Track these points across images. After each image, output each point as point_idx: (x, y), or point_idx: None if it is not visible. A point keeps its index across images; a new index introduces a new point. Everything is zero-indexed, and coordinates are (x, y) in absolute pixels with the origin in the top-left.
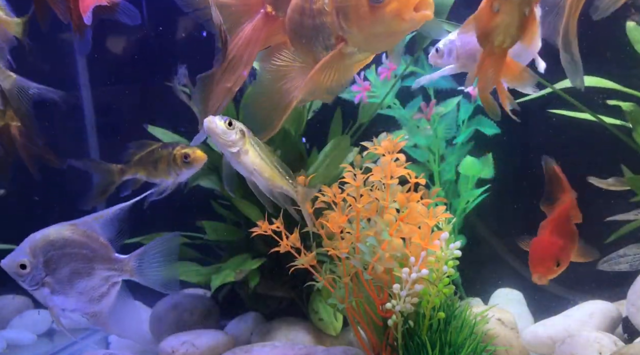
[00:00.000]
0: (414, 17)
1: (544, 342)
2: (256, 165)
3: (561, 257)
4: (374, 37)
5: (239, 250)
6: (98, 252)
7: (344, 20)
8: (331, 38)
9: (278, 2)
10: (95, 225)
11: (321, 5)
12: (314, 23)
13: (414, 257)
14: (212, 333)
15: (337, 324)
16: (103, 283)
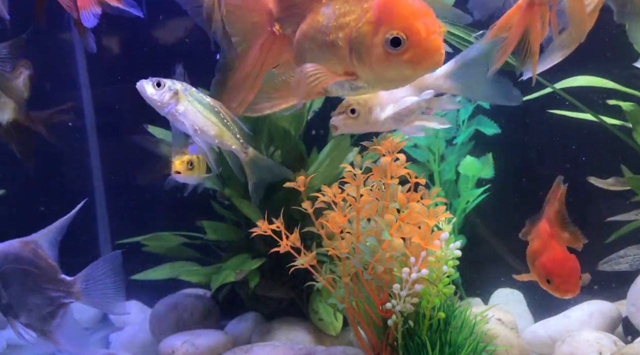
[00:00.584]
0: (429, 65)
1: (544, 342)
2: (197, 124)
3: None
4: (386, 80)
5: (239, 250)
6: (45, 271)
7: (356, 59)
8: (340, 70)
9: (286, 22)
10: (43, 243)
11: (334, 38)
12: (325, 54)
13: (414, 257)
14: (212, 333)
15: (337, 324)
16: (50, 303)
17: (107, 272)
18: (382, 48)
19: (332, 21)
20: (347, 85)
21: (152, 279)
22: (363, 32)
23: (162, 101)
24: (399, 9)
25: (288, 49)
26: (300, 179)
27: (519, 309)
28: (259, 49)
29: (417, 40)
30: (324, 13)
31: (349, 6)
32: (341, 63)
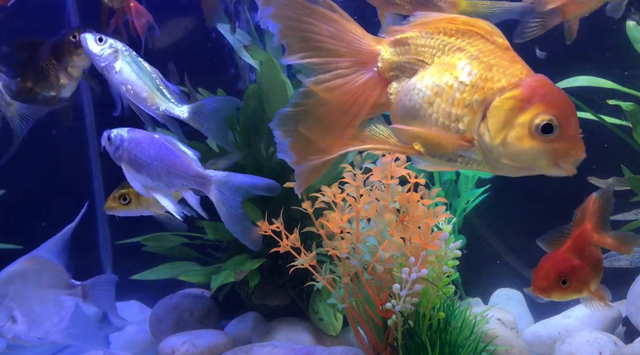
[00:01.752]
0: (572, 160)
1: (544, 342)
2: (130, 85)
3: (570, 276)
4: (514, 161)
5: (239, 250)
6: (56, 279)
7: (487, 129)
8: (458, 133)
9: (397, 67)
10: (49, 253)
11: (468, 98)
12: (442, 112)
13: (414, 257)
14: (212, 333)
15: (337, 324)
16: (60, 308)
17: (107, 284)
18: (526, 129)
19: (466, 80)
20: (454, 154)
21: (152, 279)
22: (508, 105)
23: (100, 56)
24: (555, 95)
25: (386, 98)
26: None
27: (519, 309)
28: (363, 84)
29: (569, 132)
30: (456, 68)
31: (491, 73)
32: (462, 127)
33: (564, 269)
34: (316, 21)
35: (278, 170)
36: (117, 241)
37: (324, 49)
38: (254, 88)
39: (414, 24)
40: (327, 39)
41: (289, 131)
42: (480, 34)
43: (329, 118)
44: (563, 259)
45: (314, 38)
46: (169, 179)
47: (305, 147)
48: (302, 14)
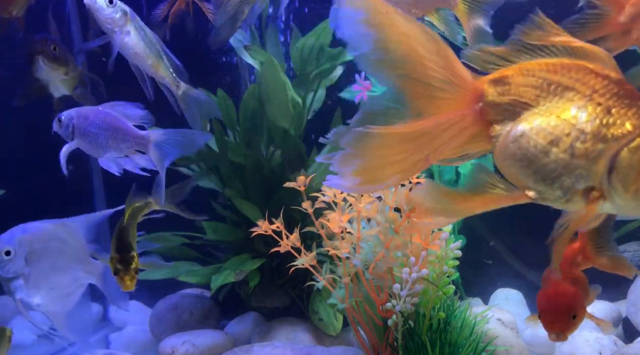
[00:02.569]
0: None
1: (544, 342)
2: (138, 49)
3: (577, 308)
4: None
5: (239, 251)
6: (77, 252)
7: (617, 181)
8: (580, 184)
9: (500, 109)
10: (80, 227)
11: (591, 149)
12: (565, 161)
13: (414, 257)
14: (212, 333)
15: (337, 324)
16: (73, 283)
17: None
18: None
19: (585, 128)
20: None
21: (152, 279)
22: (638, 156)
23: (112, 19)
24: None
25: (485, 142)
26: (300, 179)
27: (519, 309)
28: (460, 119)
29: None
30: (570, 113)
31: (612, 116)
32: (588, 176)
33: (571, 305)
34: (422, 40)
35: (278, 170)
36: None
37: (425, 76)
38: (254, 88)
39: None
40: (430, 65)
41: (360, 152)
42: (589, 69)
43: (413, 144)
44: (566, 295)
45: (416, 60)
46: (116, 144)
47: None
48: (406, 28)
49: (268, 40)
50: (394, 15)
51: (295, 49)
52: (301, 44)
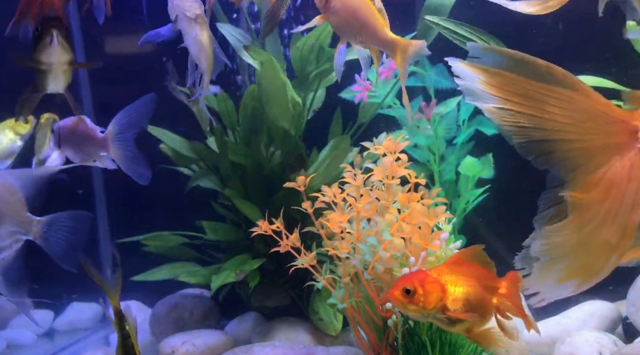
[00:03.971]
0: None
1: (544, 342)
2: (205, 45)
3: (417, 287)
4: None
5: (239, 251)
6: (10, 205)
7: None
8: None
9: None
10: (15, 179)
11: None
12: None
13: (414, 257)
14: (212, 333)
15: (337, 324)
16: (7, 237)
17: (71, 226)
18: None
19: None
20: None
21: (152, 279)
22: None
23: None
24: None
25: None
26: (300, 179)
27: None
28: (629, 169)
29: None
30: None
31: None
32: None
33: (412, 281)
34: (552, 101)
35: (278, 170)
36: (117, 240)
37: (569, 137)
38: (253, 88)
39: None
40: (568, 126)
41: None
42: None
43: (604, 218)
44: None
45: (551, 124)
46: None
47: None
48: (532, 91)
49: (268, 40)
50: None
51: (295, 49)
52: (301, 44)
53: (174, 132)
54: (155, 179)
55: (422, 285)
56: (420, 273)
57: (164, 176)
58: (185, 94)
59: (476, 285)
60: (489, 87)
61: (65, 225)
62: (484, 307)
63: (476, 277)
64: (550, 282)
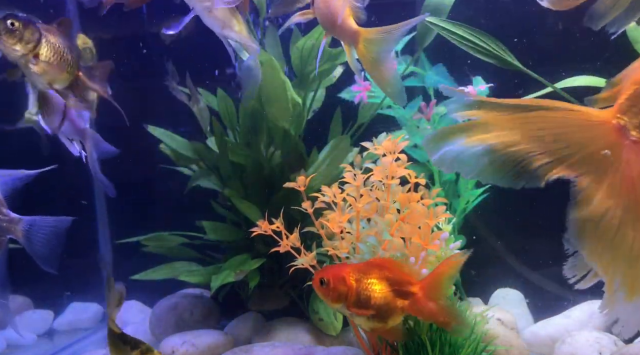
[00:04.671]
0: None
1: (544, 342)
2: (226, 19)
3: (329, 279)
4: None
5: (239, 251)
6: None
7: None
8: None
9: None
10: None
11: None
12: None
13: (414, 257)
14: (212, 333)
15: (337, 324)
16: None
17: (52, 228)
18: None
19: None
20: None
21: (152, 279)
22: None
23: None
24: None
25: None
26: (300, 179)
27: (519, 309)
28: (629, 165)
29: None
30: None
31: None
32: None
33: (325, 274)
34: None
35: (278, 170)
36: (117, 241)
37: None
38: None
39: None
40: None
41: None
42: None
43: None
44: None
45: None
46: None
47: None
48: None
49: (268, 40)
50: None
51: (295, 49)
52: (301, 44)
53: (174, 132)
54: (156, 179)
55: (332, 280)
56: (338, 268)
57: (164, 176)
58: (186, 94)
59: (385, 288)
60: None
61: (48, 226)
62: (389, 310)
63: (389, 281)
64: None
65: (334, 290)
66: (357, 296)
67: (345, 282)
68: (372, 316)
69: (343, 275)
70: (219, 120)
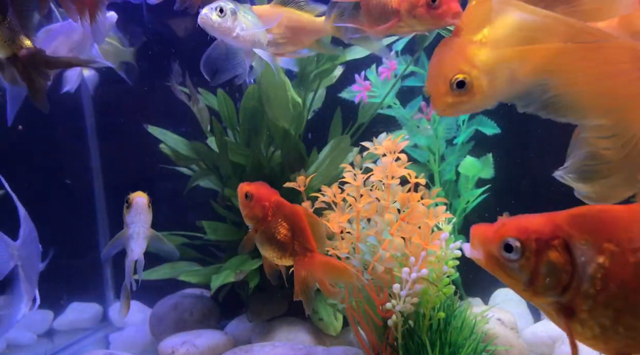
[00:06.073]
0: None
1: (544, 342)
2: (254, 37)
3: (252, 195)
4: None
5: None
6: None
7: None
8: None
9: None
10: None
11: None
12: None
13: (414, 257)
14: (212, 333)
15: (337, 324)
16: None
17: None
18: None
19: None
20: None
21: (152, 279)
22: None
23: (228, 27)
24: None
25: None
26: (300, 179)
27: (519, 309)
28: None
29: None
30: None
31: None
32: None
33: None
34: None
35: (278, 170)
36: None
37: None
38: (254, 88)
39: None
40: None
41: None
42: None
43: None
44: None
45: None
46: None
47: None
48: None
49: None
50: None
51: None
52: None
53: (174, 132)
54: (156, 179)
55: (256, 198)
56: (267, 192)
57: (164, 176)
58: (186, 94)
59: (281, 225)
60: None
61: (32, 244)
62: (283, 244)
63: (295, 227)
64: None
65: (254, 206)
66: (267, 225)
67: (265, 208)
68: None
69: (266, 202)
70: (219, 120)
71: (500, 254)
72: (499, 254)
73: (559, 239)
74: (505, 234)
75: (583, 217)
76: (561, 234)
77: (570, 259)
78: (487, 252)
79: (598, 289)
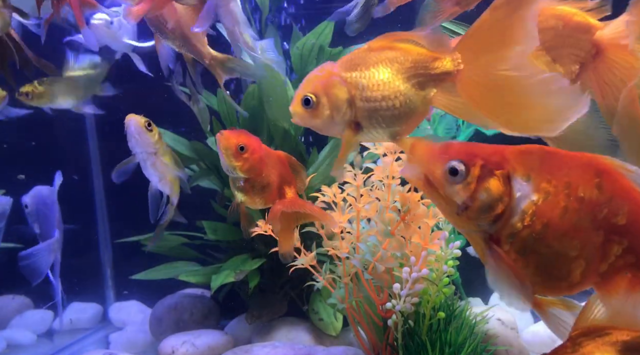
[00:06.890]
0: None
1: (544, 342)
2: (167, 171)
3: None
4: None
5: (239, 251)
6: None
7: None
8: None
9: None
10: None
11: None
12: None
13: (414, 256)
14: (212, 333)
15: (337, 324)
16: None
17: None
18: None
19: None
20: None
21: (152, 279)
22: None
23: (150, 142)
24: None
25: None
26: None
27: None
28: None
29: None
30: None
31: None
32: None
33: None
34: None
35: None
36: (117, 241)
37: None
38: (254, 88)
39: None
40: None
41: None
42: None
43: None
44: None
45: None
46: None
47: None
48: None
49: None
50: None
51: (295, 49)
52: (301, 44)
53: (174, 132)
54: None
55: (249, 145)
56: (255, 140)
57: None
58: (186, 94)
59: (272, 172)
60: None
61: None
62: (273, 190)
63: (278, 172)
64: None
65: (249, 160)
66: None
67: (261, 157)
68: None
69: (260, 151)
70: (219, 120)
71: (443, 174)
72: (442, 174)
73: (503, 170)
74: (452, 156)
75: (530, 155)
76: (506, 167)
77: (508, 191)
78: (427, 170)
79: (525, 224)
